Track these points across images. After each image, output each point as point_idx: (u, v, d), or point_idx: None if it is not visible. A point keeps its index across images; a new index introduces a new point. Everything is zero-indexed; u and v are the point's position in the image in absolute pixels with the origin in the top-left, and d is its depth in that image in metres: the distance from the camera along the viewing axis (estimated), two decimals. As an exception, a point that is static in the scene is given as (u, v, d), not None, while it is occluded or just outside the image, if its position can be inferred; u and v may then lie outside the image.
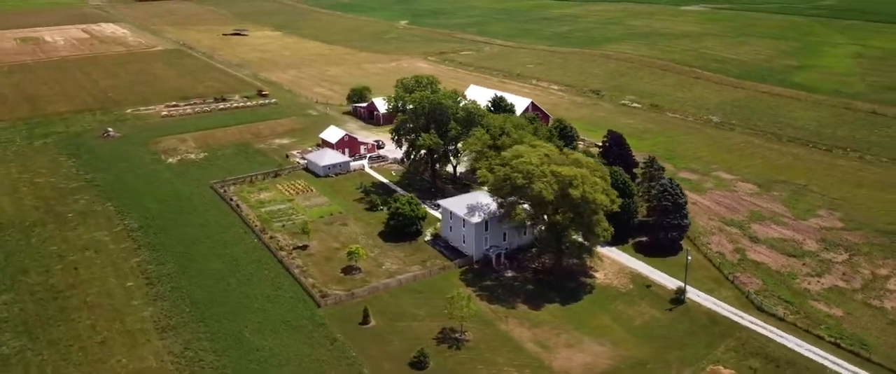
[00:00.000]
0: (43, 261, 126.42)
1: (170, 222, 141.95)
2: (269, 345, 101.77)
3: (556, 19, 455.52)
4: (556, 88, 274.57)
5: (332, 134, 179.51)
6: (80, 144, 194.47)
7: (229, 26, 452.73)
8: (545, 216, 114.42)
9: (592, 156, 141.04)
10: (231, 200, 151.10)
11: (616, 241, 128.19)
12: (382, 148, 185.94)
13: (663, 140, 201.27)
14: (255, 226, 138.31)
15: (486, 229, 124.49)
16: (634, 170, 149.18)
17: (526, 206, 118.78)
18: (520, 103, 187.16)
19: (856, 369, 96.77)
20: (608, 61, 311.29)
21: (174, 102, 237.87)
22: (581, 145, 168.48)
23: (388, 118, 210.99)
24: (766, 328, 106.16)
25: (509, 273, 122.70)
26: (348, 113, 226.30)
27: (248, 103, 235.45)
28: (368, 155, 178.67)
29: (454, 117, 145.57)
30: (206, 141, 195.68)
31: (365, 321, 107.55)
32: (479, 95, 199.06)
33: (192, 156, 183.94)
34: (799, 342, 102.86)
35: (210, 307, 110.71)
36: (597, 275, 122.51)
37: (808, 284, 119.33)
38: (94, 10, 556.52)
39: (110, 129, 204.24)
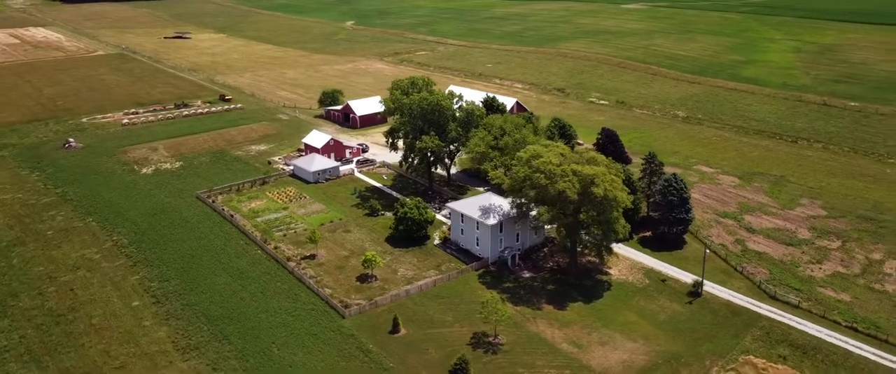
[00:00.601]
0: (33, 283, 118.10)
1: (163, 236, 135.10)
2: (301, 360, 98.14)
3: (503, 18, 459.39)
4: (520, 86, 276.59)
5: (317, 139, 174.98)
6: (42, 157, 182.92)
7: (169, 29, 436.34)
8: (564, 216, 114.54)
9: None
10: (222, 210, 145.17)
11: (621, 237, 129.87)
12: (367, 152, 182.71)
13: (638, 136, 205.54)
14: (255, 236, 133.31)
15: (501, 231, 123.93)
16: (627, 166, 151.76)
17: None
18: (506, 103, 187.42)
19: (875, 351, 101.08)
20: (566, 59, 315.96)
21: (133, 110, 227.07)
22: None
23: (365, 121, 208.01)
24: (784, 316, 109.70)
25: (527, 274, 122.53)
26: (320, 117, 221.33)
27: (213, 109, 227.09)
28: (356, 159, 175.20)
29: (452, 119, 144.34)
30: (179, 149, 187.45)
31: (395, 329, 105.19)
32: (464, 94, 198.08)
33: (168, 165, 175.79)
34: (818, 327, 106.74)
35: (229, 324, 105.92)
36: (611, 272, 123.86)
37: (812, 271, 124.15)
38: (18, 14, 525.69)
39: (71, 139, 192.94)
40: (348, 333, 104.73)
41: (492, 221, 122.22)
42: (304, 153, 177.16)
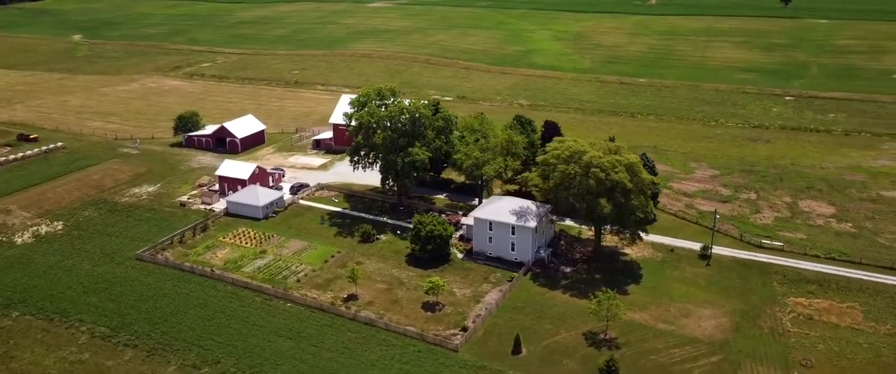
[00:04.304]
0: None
1: (150, 313, 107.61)
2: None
3: (258, 22, 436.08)
4: (348, 90, 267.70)
5: (239, 168, 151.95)
6: None
7: None
8: (614, 205, 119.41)
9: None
10: (193, 268, 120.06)
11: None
12: (284, 176, 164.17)
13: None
14: (267, 289, 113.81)
15: (536, 232, 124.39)
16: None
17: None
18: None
19: (859, 272, 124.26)
20: (372, 60, 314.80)
21: None
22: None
23: (247, 144, 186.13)
24: (782, 260, 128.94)
25: (567, 269, 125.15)
26: (178, 145, 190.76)
27: (28, 153, 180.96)
28: (289, 186, 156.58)
29: (431, 127, 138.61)
30: (41, 206, 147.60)
31: (517, 350, 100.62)
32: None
33: (47, 228, 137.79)
34: (811, 264, 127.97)
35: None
36: (629, 252, 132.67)
37: (761, 219, 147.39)
38: None
39: None
40: (477, 364, 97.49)
41: (531, 223, 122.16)
42: (220, 188, 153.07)
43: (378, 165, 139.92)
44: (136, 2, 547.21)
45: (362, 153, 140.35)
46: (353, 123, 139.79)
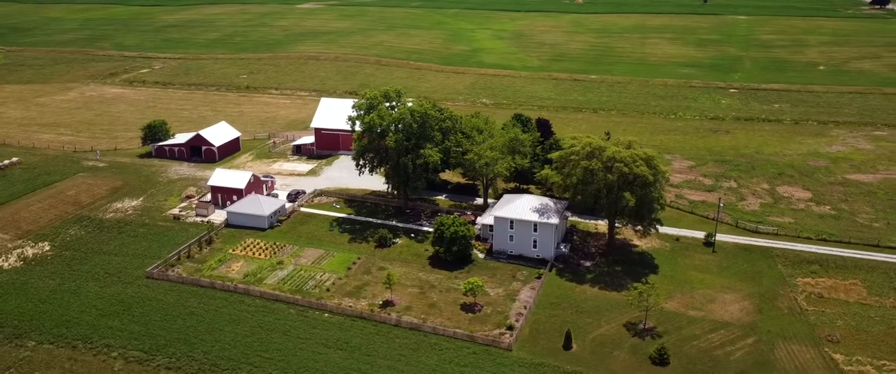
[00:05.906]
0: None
1: (183, 333, 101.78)
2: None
3: (186, 26, 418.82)
4: (304, 93, 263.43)
5: (233, 178, 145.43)
6: None
7: None
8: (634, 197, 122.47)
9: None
10: (212, 283, 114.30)
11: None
12: (276, 184, 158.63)
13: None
14: (300, 301, 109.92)
15: (556, 228, 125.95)
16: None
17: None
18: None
19: (849, 250, 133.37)
20: (321, 63, 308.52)
21: None
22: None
23: (224, 152, 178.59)
24: (779, 244, 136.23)
25: (587, 263, 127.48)
26: (147, 155, 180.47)
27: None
28: (286, 193, 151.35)
29: (438, 128, 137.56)
30: (19, 227, 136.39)
31: (568, 345, 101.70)
32: (336, 107, 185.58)
33: (33, 250, 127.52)
34: (806, 245, 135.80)
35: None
36: (639, 243, 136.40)
37: (748, 207, 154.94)
38: None
39: None
40: (534, 362, 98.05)
41: (554, 220, 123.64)
42: (213, 199, 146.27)
43: (384, 169, 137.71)
44: (44, 6, 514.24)
45: (369, 156, 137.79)
46: (359, 126, 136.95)
